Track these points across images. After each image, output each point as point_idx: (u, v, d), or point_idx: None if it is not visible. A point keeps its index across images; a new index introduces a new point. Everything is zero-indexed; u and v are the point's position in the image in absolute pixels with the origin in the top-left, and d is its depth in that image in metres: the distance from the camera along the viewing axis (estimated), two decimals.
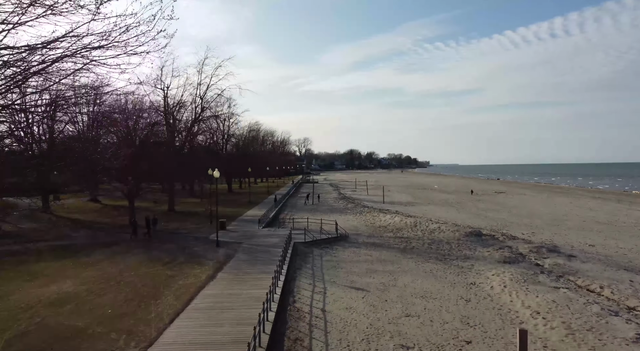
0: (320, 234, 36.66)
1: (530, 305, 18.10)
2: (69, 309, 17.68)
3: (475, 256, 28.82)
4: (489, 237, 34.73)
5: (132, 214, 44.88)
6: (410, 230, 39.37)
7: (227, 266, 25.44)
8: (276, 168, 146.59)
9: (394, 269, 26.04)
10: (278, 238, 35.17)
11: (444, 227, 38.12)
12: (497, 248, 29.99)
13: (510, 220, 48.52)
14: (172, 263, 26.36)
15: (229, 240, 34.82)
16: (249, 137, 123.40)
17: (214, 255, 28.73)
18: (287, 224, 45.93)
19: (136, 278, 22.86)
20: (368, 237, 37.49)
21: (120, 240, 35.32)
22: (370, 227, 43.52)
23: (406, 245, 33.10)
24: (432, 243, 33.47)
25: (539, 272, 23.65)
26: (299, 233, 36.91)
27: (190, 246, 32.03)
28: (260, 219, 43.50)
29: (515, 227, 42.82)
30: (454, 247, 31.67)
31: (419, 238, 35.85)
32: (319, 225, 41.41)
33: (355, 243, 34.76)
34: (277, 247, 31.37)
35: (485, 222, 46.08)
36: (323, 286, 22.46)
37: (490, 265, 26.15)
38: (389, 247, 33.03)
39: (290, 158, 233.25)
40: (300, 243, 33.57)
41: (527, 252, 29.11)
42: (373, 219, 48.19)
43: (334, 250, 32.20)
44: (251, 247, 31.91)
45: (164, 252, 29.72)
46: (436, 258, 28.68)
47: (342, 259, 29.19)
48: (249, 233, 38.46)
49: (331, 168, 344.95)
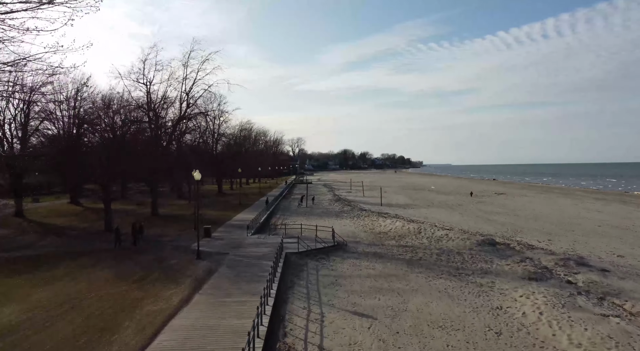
0: (315, 243, 32.97)
1: (582, 343, 14.50)
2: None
3: (494, 270, 25.20)
4: (504, 246, 31.16)
5: (108, 219, 40.92)
6: (414, 238, 35.75)
7: (207, 285, 21.65)
8: (268, 168, 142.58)
9: (402, 287, 22.38)
10: (268, 248, 31.44)
11: (451, 234, 34.53)
12: (517, 260, 26.36)
13: (518, 224, 45.07)
14: (143, 280, 22.53)
15: (212, 250, 31.02)
16: (240, 137, 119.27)
17: (193, 269, 24.93)
18: (278, 230, 42.18)
19: (96, 301, 19.02)
20: (368, 246, 33.83)
21: (91, 250, 31.42)
22: (370, 233, 39.86)
23: (412, 256, 29.46)
24: (441, 253, 29.85)
25: (575, 293, 20.05)
26: (291, 241, 33.20)
27: (169, 258, 28.19)
28: (249, 225, 39.70)
29: (527, 233, 39.35)
30: (466, 258, 28.07)
31: (425, 247, 32.23)
32: (313, 231, 37.76)
33: (354, 253, 31.09)
34: (266, 258, 27.65)
35: (493, 227, 42.59)
36: (320, 311, 18.75)
37: (514, 282, 22.55)
38: (392, 258, 29.36)
39: (284, 158, 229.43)
40: (293, 254, 29.86)
41: (553, 265, 25.52)
42: (372, 224, 44.54)
43: (331, 262, 28.50)
44: (237, 258, 28.13)
45: (137, 266, 25.87)
46: (448, 272, 25.05)
47: (341, 273, 25.50)
48: (236, 241, 34.68)
49: (325, 168, 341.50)
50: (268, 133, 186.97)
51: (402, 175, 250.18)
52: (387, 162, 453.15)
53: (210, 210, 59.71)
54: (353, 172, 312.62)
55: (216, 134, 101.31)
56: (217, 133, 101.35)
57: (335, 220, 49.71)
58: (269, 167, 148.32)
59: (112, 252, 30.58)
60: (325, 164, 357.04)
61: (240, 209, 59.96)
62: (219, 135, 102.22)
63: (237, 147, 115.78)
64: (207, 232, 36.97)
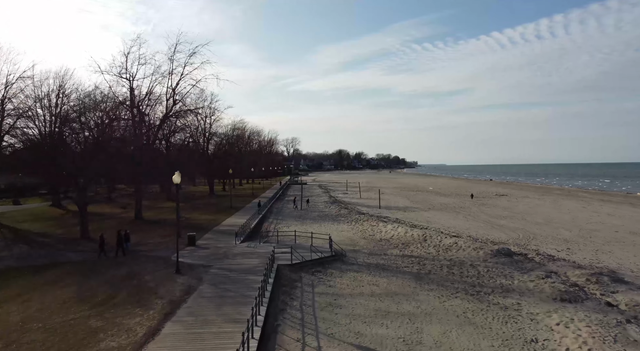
0: (310, 252, 29.52)
1: None
2: None
3: (517, 287, 21.88)
4: (522, 257, 27.87)
5: (84, 225, 37.30)
6: (419, 246, 32.44)
7: (182, 309, 18.20)
8: (262, 169, 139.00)
9: (412, 310, 19.04)
10: (258, 259, 28.03)
11: (461, 243, 31.23)
12: (541, 275, 23.02)
13: (530, 230, 41.88)
14: (107, 303, 19.04)
15: (195, 261, 27.56)
16: (233, 136, 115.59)
17: (169, 287, 21.46)
18: (270, 236, 38.79)
19: (40, 334, 15.53)
20: (369, 256, 30.48)
21: (59, 262, 27.89)
22: (370, 240, 36.53)
23: (420, 269, 26.12)
24: (453, 265, 26.53)
25: (622, 320, 16.74)
26: (284, 250, 29.75)
27: (143, 272, 24.69)
28: (237, 231, 36.22)
29: (542, 240, 36.16)
30: (482, 272, 24.76)
31: (433, 258, 28.91)
32: (308, 238, 34.38)
33: (354, 265, 27.73)
34: (255, 272, 24.25)
35: (504, 234, 39.36)
36: (317, 345, 15.37)
37: (545, 304, 19.24)
38: (397, 270, 26.02)
39: (278, 158, 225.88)
40: (286, 266, 26.44)
41: (584, 281, 22.24)
42: (372, 230, 41.20)
43: (328, 276, 25.13)
44: (222, 272, 24.68)
45: (105, 283, 22.37)
46: (464, 290, 21.73)
47: (340, 291, 22.14)
48: (222, 250, 31.23)
49: (320, 168, 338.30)
50: (262, 133, 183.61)
51: (397, 176, 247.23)
52: (382, 162, 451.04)
53: (199, 213, 56.23)
54: (348, 172, 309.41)
55: (207, 133, 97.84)
56: (208, 132, 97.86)
57: (332, 225, 46.36)
58: (263, 167, 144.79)
59: (81, 264, 27.05)
60: (320, 164, 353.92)
61: (231, 212, 56.49)
62: (210, 134, 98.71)
63: (229, 147, 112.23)
64: (191, 240, 33.51)
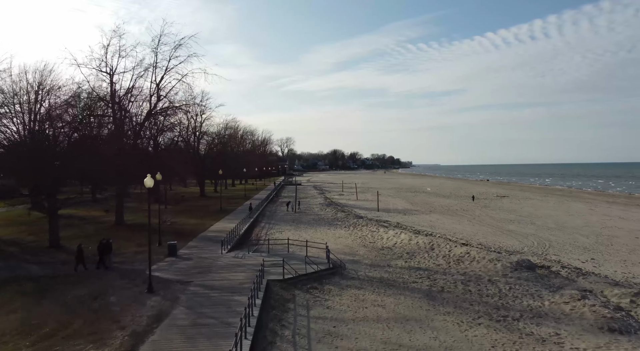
0: (305, 264, 26.01)
1: None
2: None
3: (550, 311, 18.52)
4: (546, 271, 24.58)
5: (54, 232, 33.65)
6: (427, 256, 29.08)
7: (146, 346, 14.69)
8: (255, 169, 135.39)
9: (428, 342, 15.66)
10: (245, 273, 24.59)
11: (474, 253, 27.87)
12: (576, 295, 19.56)
13: (543, 236, 38.64)
14: (54, 335, 15.51)
15: (173, 276, 24.05)
16: (225, 135, 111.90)
17: (136, 312, 17.95)
18: (261, 244, 35.32)
19: None
20: (371, 268, 27.09)
21: (18, 276, 24.29)
22: (371, 248, 33.15)
23: (431, 285, 22.74)
24: (468, 280, 23.17)
25: None
26: (275, 261, 26.26)
27: (110, 291, 21.16)
28: (224, 239, 32.66)
29: (561, 249, 32.92)
30: (503, 289, 21.41)
31: (444, 270, 25.56)
32: (302, 246, 30.93)
33: (355, 280, 24.34)
34: (240, 291, 20.81)
35: (517, 241, 36.10)
36: None
37: (590, 334, 15.91)
38: (405, 287, 22.63)
39: (272, 158, 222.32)
40: (277, 282, 22.98)
41: (628, 303, 18.92)
42: (372, 236, 37.83)
43: (326, 294, 21.73)
44: (202, 291, 21.19)
45: (60, 306, 18.83)
46: (487, 314, 18.37)
47: (341, 314, 18.74)
48: (206, 262, 27.74)
49: (314, 168, 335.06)
50: (256, 133, 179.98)
51: (393, 176, 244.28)
52: (376, 162, 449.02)
53: (186, 216, 52.67)
54: (343, 172, 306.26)
55: (198, 132, 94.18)
56: (199, 131, 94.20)
57: (328, 230, 42.95)
58: (256, 167, 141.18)
59: (41, 281, 23.45)
60: (315, 164, 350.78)
61: (220, 216, 52.97)
62: (201, 133, 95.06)
63: (221, 147, 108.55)
64: (171, 249, 29.98)
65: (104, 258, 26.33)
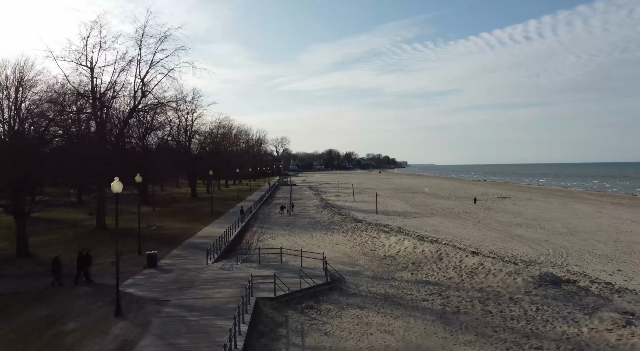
0: (299, 277, 22.99)
1: None
2: None
3: (591, 341, 15.59)
4: (574, 287, 21.72)
5: (21, 239, 30.46)
6: (435, 267, 26.16)
7: None
8: (249, 169, 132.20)
9: None
10: (231, 288, 21.61)
11: (488, 264, 24.96)
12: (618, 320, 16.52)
13: (556, 242, 35.87)
14: None
15: (148, 293, 21.01)
16: (217, 134, 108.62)
17: (95, 343, 14.92)
18: (252, 252, 32.31)
19: None
20: (374, 281, 24.16)
21: None
22: (372, 257, 30.24)
23: (444, 304, 19.81)
24: (486, 298, 20.26)
25: None
26: (266, 274, 23.29)
27: (71, 313, 18.11)
28: (210, 248, 29.58)
29: (579, 257, 30.13)
30: (528, 309, 18.50)
31: (457, 285, 22.66)
32: (297, 255, 27.95)
33: (356, 296, 21.41)
34: (225, 313, 17.83)
35: (529, 248, 33.28)
36: None
37: None
38: (415, 307, 19.70)
39: (267, 158, 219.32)
40: (268, 301, 19.98)
41: None
42: (373, 243, 34.91)
43: (323, 316, 18.77)
44: (179, 314, 18.13)
45: (3, 335, 15.77)
46: (516, 343, 15.46)
47: (341, 343, 15.80)
48: (189, 274, 24.73)
49: (309, 168, 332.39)
50: (250, 132, 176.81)
51: (388, 176, 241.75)
52: (372, 162, 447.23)
53: (173, 220, 49.53)
54: (338, 172, 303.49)
55: (189, 131, 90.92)
56: (190, 130, 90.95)
57: (325, 235, 40.01)
58: (250, 167, 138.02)
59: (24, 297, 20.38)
60: (310, 164, 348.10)
61: (210, 219, 49.90)
62: (192, 132, 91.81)
63: (214, 146, 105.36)
64: (151, 260, 26.90)
65: (83, 272, 23.24)
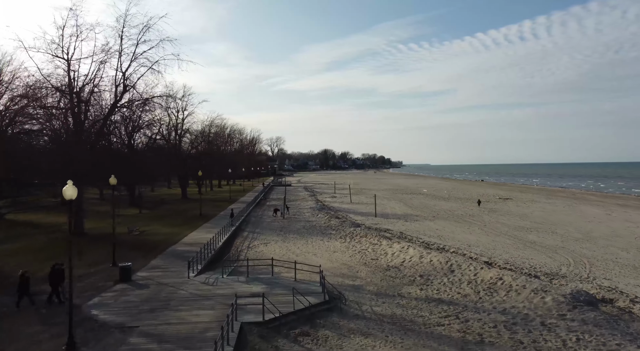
0: (292, 295, 19.78)
1: None
2: None
3: None
4: (613, 307, 18.69)
5: None
6: (447, 282, 23.09)
7: None
8: (242, 169, 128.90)
9: None
10: (213, 310, 18.48)
11: (509, 278, 21.87)
12: None
13: (574, 249, 32.87)
14: None
15: (114, 316, 17.78)
16: (209, 133, 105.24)
17: None
18: (241, 261, 29.17)
19: None
20: (378, 298, 21.07)
21: None
22: (374, 268, 27.16)
23: (464, 330, 16.72)
24: (513, 323, 17.19)
25: None
26: (255, 291, 20.23)
27: (15, 344, 14.92)
28: (192, 259, 26.35)
29: (604, 268, 27.14)
30: (568, 341, 15.43)
31: (475, 304, 19.58)
32: (290, 266, 24.76)
33: (359, 318, 18.31)
34: (202, 344, 14.72)
35: (547, 257, 30.25)
36: None
37: None
38: (428, 332, 16.62)
39: (261, 158, 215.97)
40: (255, 326, 16.85)
41: None
42: (374, 250, 31.85)
43: (320, 346, 15.68)
44: (146, 347, 14.97)
45: None
46: None
47: None
48: (166, 290, 21.56)
49: (305, 168, 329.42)
50: (244, 132, 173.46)
51: (384, 176, 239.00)
52: (367, 162, 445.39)
53: (159, 224, 46.27)
54: (333, 172, 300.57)
55: (180, 130, 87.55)
56: (180, 129, 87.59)
57: (321, 241, 36.92)
58: (244, 167, 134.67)
59: None
60: (306, 164, 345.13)
61: (198, 223, 46.71)
62: (182, 130, 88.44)
63: (207, 145, 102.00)
64: (124, 273, 23.63)
65: (57, 288, 19.99)
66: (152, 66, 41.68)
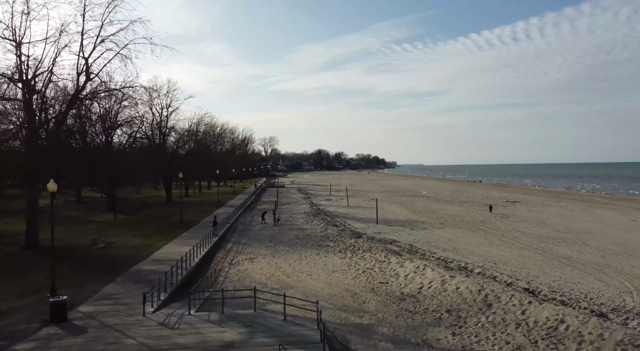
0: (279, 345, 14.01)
1: None
2: None
3: None
4: None
5: None
6: (485, 322, 17.44)
7: None
8: (232, 170, 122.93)
9: None
10: None
11: (576, 323, 16.16)
12: None
13: (622, 268, 27.16)
14: None
15: None
16: (197, 132, 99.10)
17: None
18: (219, 286, 23.44)
19: None
20: (395, 348, 15.39)
21: None
22: (384, 296, 21.50)
23: None
24: None
25: None
26: (228, 343, 14.46)
27: None
28: (151, 288, 20.46)
29: None
30: None
31: None
32: (279, 300, 18.90)
33: None
34: None
35: (596, 280, 24.56)
36: None
37: None
38: None
39: (254, 158, 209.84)
40: None
41: None
42: (381, 270, 26.18)
43: None
44: None
45: None
46: None
47: None
48: (106, 339, 15.70)
49: (299, 169, 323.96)
50: (236, 131, 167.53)
51: (380, 176, 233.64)
52: (362, 162, 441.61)
53: (132, 233, 40.44)
54: (328, 172, 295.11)
55: (164, 128, 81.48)
56: (165, 126, 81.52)
57: (317, 257, 31.23)
58: (235, 168, 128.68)
59: None
60: (300, 165, 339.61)
61: (177, 232, 40.95)
62: (167, 128, 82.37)
63: (195, 145, 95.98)
64: (56, 311, 17.70)
65: None
66: (121, 51, 35.76)
